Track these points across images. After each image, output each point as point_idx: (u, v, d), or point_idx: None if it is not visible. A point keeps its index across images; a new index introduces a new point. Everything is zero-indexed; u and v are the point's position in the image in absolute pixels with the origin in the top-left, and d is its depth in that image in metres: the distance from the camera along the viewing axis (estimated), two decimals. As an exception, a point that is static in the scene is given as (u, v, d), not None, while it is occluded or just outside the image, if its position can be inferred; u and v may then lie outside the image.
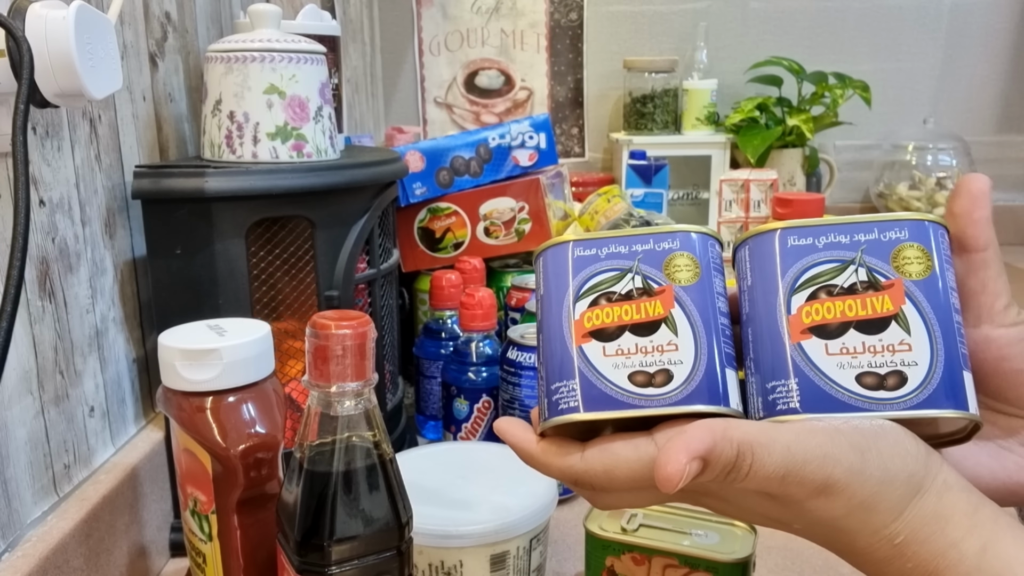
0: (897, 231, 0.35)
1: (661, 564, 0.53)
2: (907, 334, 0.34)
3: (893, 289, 0.34)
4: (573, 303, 0.37)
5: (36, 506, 0.50)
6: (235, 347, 0.46)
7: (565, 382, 0.36)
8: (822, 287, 0.35)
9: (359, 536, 0.41)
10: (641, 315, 0.36)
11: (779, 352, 0.35)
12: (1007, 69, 1.84)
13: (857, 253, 0.35)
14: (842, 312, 0.35)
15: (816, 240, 0.36)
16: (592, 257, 0.37)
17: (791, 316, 0.35)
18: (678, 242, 0.37)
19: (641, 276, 0.36)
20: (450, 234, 0.97)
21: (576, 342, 0.36)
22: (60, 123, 0.54)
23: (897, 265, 0.35)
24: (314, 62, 0.65)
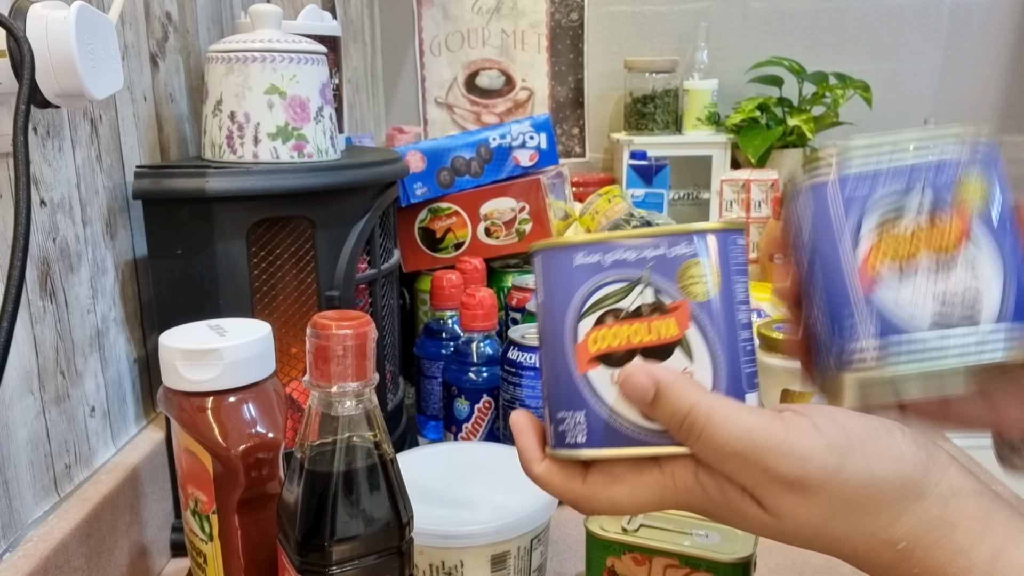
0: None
1: (662, 564, 0.53)
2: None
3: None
4: (576, 321, 0.33)
5: (37, 506, 0.50)
6: (236, 347, 0.46)
7: (571, 412, 0.33)
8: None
9: (360, 536, 0.41)
10: (652, 336, 0.32)
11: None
12: (1008, 69, 1.84)
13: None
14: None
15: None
16: (596, 266, 0.33)
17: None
18: (694, 247, 0.32)
19: (652, 289, 0.32)
20: (451, 234, 0.97)
21: (581, 368, 0.33)
22: (61, 123, 0.54)
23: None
24: (315, 62, 0.65)
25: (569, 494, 0.36)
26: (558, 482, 0.36)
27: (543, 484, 0.37)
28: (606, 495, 0.35)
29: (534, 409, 0.71)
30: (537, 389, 0.70)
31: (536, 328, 0.36)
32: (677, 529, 0.54)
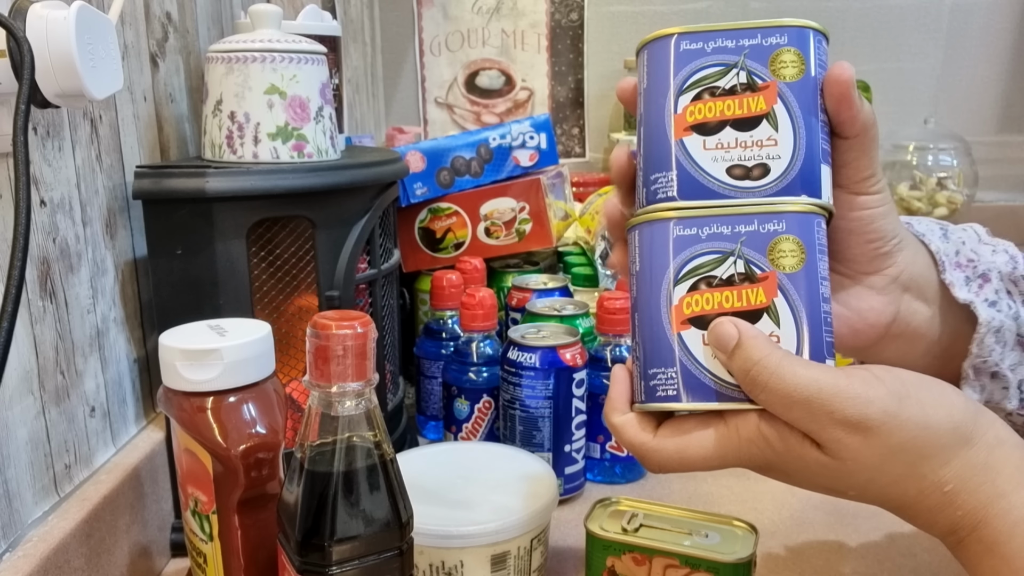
0: (777, 37, 0.37)
1: (662, 564, 0.53)
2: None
3: (768, 90, 0.37)
4: (672, 287, 0.36)
5: (37, 506, 0.50)
6: (236, 347, 0.46)
7: (663, 369, 0.36)
8: (706, 88, 0.37)
9: (360, 536, 0.41)
10: (743, 303, 0.36)
11: (660, 146, 0.37)
12: (1008, 69, 1.84)
13: (740, 57, 0.37)
14: (720, 112, 0.37)
15: (705, 45, 0.37)
16: (693, 238, 0.36)
17: (676, 115, 0.37)
18: (784, 224, 0.36)
19: (744, 261, 0.36)
20: (451, 234, 0.97)
21: (675, 329, 0.36)
22: (61, 123, 0.54)
23: (774, 70, 0.37)
24: (315, 62, 0.65)
25: (640, 446, 0.39)
26: (631, 432, 0.39)
27: (618, 432, 0.40)
28: (674, 447, 0.38)
29: (533, 409, 0.71)
30: (537, 389, 0.70)
31: (629, 296, 0.39)
32: (677, 529, 0.54)
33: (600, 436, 0.75)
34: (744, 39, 0.37)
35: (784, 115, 0.36)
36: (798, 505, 0.70)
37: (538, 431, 0.71)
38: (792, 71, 0.36)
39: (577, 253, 1.11)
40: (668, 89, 0.37)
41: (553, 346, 0.70)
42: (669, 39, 0.38)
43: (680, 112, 0.37)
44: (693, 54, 0.37)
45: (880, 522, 0.67)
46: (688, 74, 0.37)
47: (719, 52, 0.37)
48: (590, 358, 0.74)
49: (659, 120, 0.37)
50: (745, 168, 0.36)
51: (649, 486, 0.76)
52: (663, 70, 0.38)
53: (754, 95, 0.37)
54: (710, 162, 0.36)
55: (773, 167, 0.36)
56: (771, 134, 0.36)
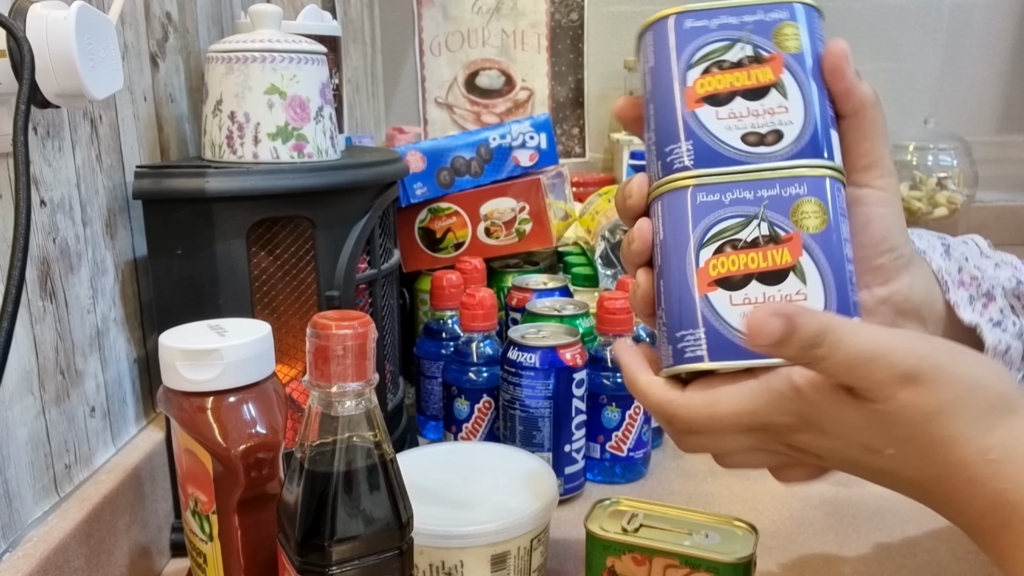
0: (778, 12, 0.38)
1: (662, 564, 0.53)
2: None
3: (774, 62, 0.38)
4: (698, 250, 0.37)
5: (37, 506, 0.50)
6: (236, 347, 0.46)
7: (691, 330, 0.37)
8: (714, 63, 0.38)
9: (360, 536, 0.41)
10: (768, 263, 0.36)
11: (673, 119, 0.38)
12: (1008, 69, 1.84)
13: (744, 32, 0.38)
14: (730, 84, 0.38)
15: (709, 22, 0.39)
16: (716, 203, 0.37)
17: (687, 88, 0.38)
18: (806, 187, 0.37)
19: (767, 223, 0.36)
20: (451, 234, 0.97)
21: (701, 291, 0.36)
22: (61, 123, 0.54)
23: (778, 42, 0.38)
24: (315, 62, 0.65)
25: (669, 404, 0.38)
26: (659, 392, 0.38)
27: (645, 394, 0.39)
28: (703, 402, 0.37)
29: (533, 409, 0.71)
30: (537, 389, 0.70)
31: (653, 267, 0.39)
32: (677, 529, 0.54)
33: (600, 436, 0.75)
34: (746, 15, 0.38)
35: (792, 83, 0.37)
36: (798, 505, 0.70)
37: (538, 431, 0.71)
38: (794, 43, 0.38)
39: (577, 253, 1.11)
40: (675, 65, 0.38)
41: (553, 346, 0.70)
42: (672, 17, 0.39)
43: (690, 85, 0.38)
44: (697, 31, 0.38)
45: (880, 522, 0.67)
46: (695, 50, 0.38)
47: (723, 28, 0.38)
48: (590, 358, 0.74)
49: (669, 94, 0.38)
50: (759, 135, 0.37)
51: (649, 486, 0.76)
52: (669, 47, 0.39)
53: (761, 66, 0.38)
54: (724, 131, 0.37)
55: (787, 132, 0.37)
56: (781, 102, 0.37)
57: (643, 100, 0.40)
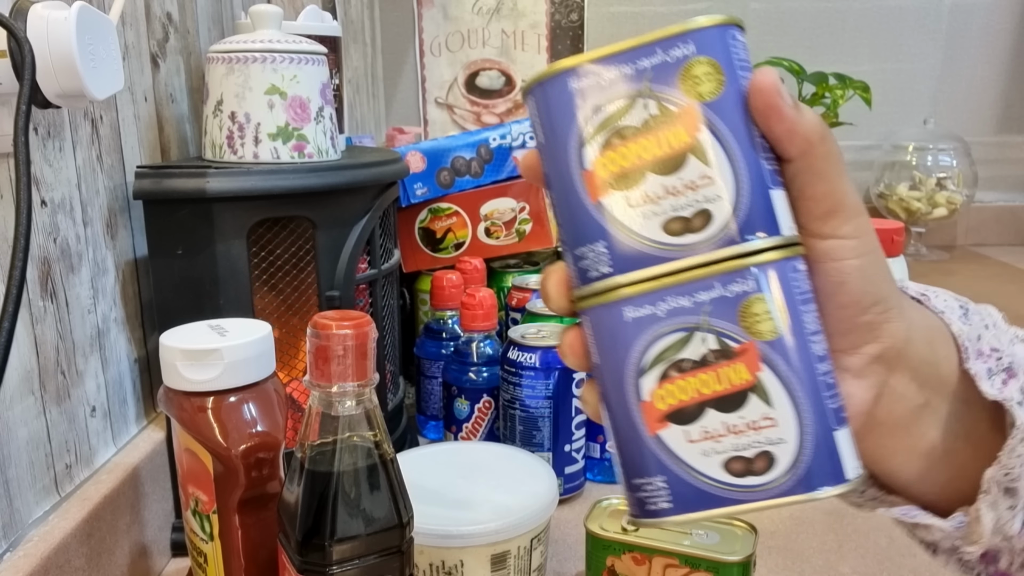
0: (682, 47, 0.29)
1: (662, 564, 0.53)
2: (706, 165, 0.29)
3: (686, 117, 0.29)
4: (637, 379, 0.30)
5: (38, 506, 0.50)
6: (236, 347, 0.46)
7: (648, 478, 0.31)
8: (614, 132, 0.30)
9: (360, 536, 0.41)
10: (723, 386, 0.29)
11: (578, 213, 0.31)
12: (1007, 69, 1.84)
13: (644, 84, 0.30)
14: (638, 157, 0.30)
15: (600, 77, 0.30)
16: (651, 318, 0.30)
17: (586, 172, 0.30)
18: (754, 282, 0.29)
19: (714, 335, 0.30)
20: (451, 234, 0.97)
21: (651, 429, 0.31)
22: (62, 124, 0.54)
23: (687, 89, 0.30)
24: (315, 63, 0.65)
25: None
26: None
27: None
28: None
29: (532, 409, 0.71)
30: (537, 388, 0.70)
31: (596, 385, 0.33)
32: (677, 529, 0.54)
33: (600, 436, 0.75)
34: (643, 59, 0.30)
35: (712, 142, 0.29)
36: (798, 505, 0.70)
37: (538, 431, 0.71)
38: (709, 86, 0.30)
39: (577, 253, 1.11)
40: (569, 141, 0.31)
41: (553, 346, 0.70)
42: (559, 78, 0.31)
43: (592, 168, 0.30)
44: (589, 91, 0.30)
45: (880, 522, 0.67)
46: (587, 118, 0.30)
47: (619, 82, 0.30)
48: (590, 358, 0.74)
49: (568, 182, 0.31)
50: (684, 220, 0.30)
51: (649, 486, 0.76)
52: (558, 118, 0.31)
53: (672, 127, 0.29)
54: (641, 221, 0.30)
55: (715, 211, 0.29)
56: (703, 171, 0.29)
57: (543, 175, 0.33)
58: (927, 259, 1.70)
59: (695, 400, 0.30)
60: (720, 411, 0.30)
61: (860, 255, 0.32)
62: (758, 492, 0.29)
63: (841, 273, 0.31)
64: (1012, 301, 1.37)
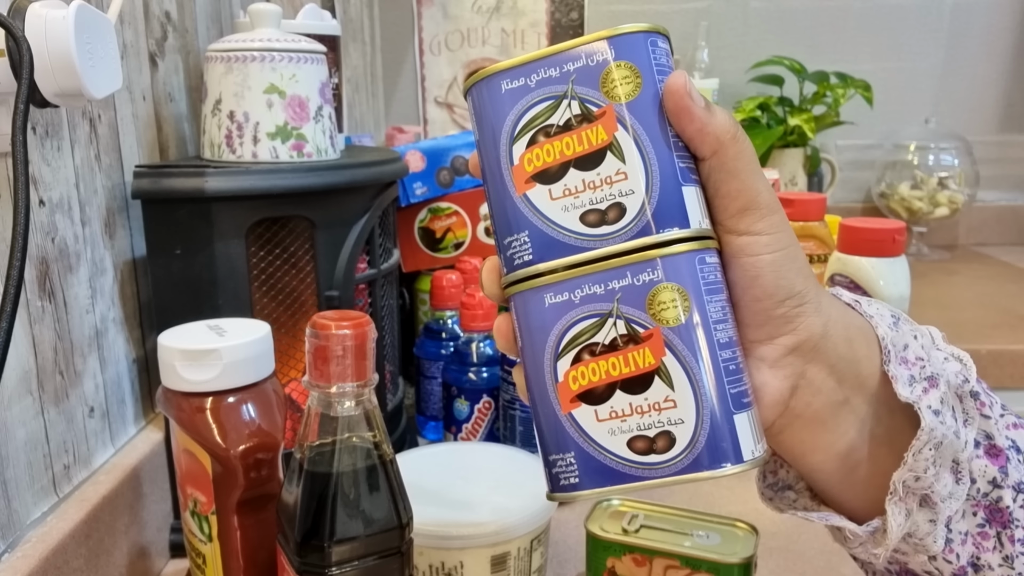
0: (603, 52, 0.32)
1: (662, 565, 0.52)
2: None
3: (605, 117, 0.32)
4: (554, 361, 0.32)
5: (36, 507, 0.50)
6: (235, 347, 0.46)
7: (561, 454, 0.33)
8: (540, 129, 0.32)
9: (359, 537, 0.41)
10: (631, 368, 0.32)
11: (504, 205, 0.33)
12: (1009, 68, 1.84)
13: (568, 85, 0.32)
14: (560, 153, 0.32)
15: (528, 80, 0.33)
16: (566, 303, 0.32)
17: (515, 167, 0.33)
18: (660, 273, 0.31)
19: (624, 320, 0.32)
20: (451, 234, 0.97)
21: (564, 408, 0.33)
22: (60, 123, 0.53)
23: (607, 91, 0.32)
24: (314, 62, 0.65)
25: None
26: None
27: None
28: None
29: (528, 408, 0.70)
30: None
31: (522, 370, 0.35)
32: (677, 530, 0.54)
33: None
34: (568, 63, 0.32)
35: (628, 141, 0.32)
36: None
37: (538, 431, 0.71)
38: (627, 88, 0.32)
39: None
40: (499, 139, 0.33)
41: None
42: (488, 80, 0.33)
43: (518, 163, 0.33)
44: (517, 92, 0.32)
45: (881, 522, 0.67)
46: (517, 116, 0.33)
47: (545, 84, 0.32)
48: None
49: (498, 176, 0.33)
50: (599, 212, 0.32)
51: (649, 486, 0.76)
52: (490, 117, 0.33)
53: (591, 126, 0.32)
54: (560, 213, 0.32)
55: (628, 204, 0.31)
56: (619, 167, 0.31)
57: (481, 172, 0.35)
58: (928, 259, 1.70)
59: (604, 382, 0.32)
60: (627, 392, 0.32)
61: (774, 251, 0.33)
62: (658, 469, 0.31)
63: (755, 267, 0.33)
64: (1013, 301, 1.36)
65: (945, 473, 0.35)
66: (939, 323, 0.40)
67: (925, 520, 0.35)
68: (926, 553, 0.36)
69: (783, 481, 0.39)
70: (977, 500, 0.36)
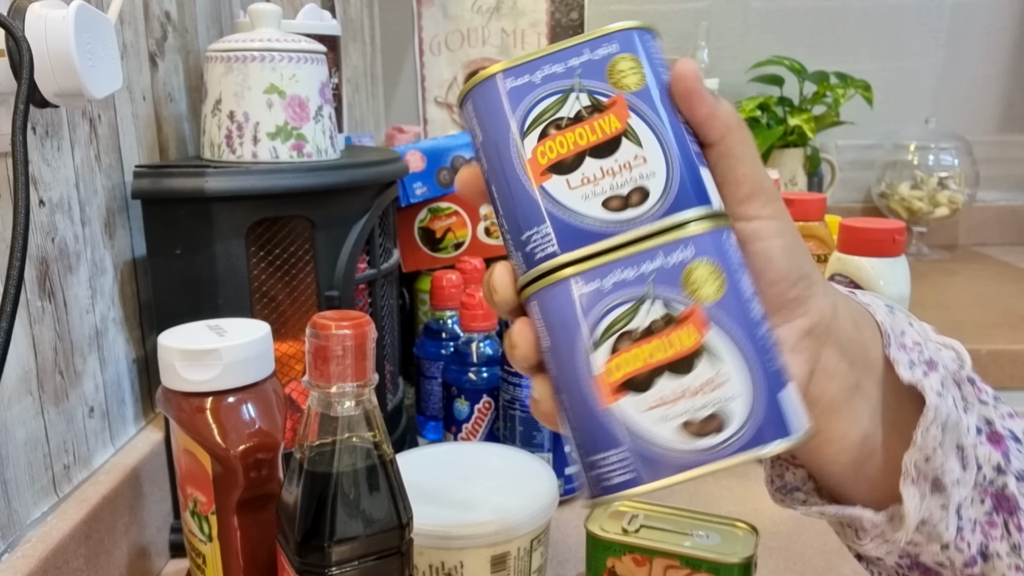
0: (607, 46, 0.33)
1: (662, 565, 0.52)
2: (639, 146, 0.32)
3: (616, 106, 0.32)
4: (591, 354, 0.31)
5: (36, 507, 0.50)
6: (235, 347, 0.46)
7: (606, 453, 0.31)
8: (550, 123, 0.33)
9: (359, 537, 0.41)
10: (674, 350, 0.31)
11: (522, 199, 0.33)
12: (1009, 68, 1.84)
13: (575, 79, 0.33)
14: (574, 143, 0.32)
15: (532, 77, 0.33)
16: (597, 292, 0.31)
17: (529, 160, 0.33)
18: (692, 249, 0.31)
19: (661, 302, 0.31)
20: (451, 234, 0.97)
21: (605, 401, 0.31)
22: (60, 123, 0.53)
23: (615, 81, 0.33)
24: (314, 62, 0.65)
25: None
26: None
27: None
28: None
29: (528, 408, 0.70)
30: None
31: (548, 373, 0.33)
32: (677, 530, 0.54)
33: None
34: (572, 59, 0.33)
35: (642, 127, 0.32)
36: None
37: (538, 431, 0.71)
38: (635, 78, 0.33)
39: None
40: (509, 135, 0.33)
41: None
42: (492, 80, 0.33)
43: (531, 156, 0.33)
44: (523, 89, 0.33)
45: (881, 522, 0.67)
46: (525, 112, 0.33)
47: (550, 80, 0.33)
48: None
49: (511, 172, 0.33)
50: (621, 197, 0.32)
51: (649, 486, 0.76)
52: (497, 115, 0.33)
53: (603, 115, 0.32)
54: (581, 201, 0.32)
55: (651, 186, 0.32)
56: (636, 151, 0.32)
57: (483, 178, 0.35)
58: (928, 259, 1.70)
59: (647, 367, 0.31)
60: (672, 376, 0.31)
61: (783, 234, 0.34)
62: (714, 452, 0.30)
63: (768, 251, 0.33)
64: (1013, 301, 1.36)
65: (952, 457, 0.35)
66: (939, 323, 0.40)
67: (937, 506, 0.35)
68: (939, 541, 0.36)
69: (790, 484, 0.40)
70: (984, 487, 0.37)
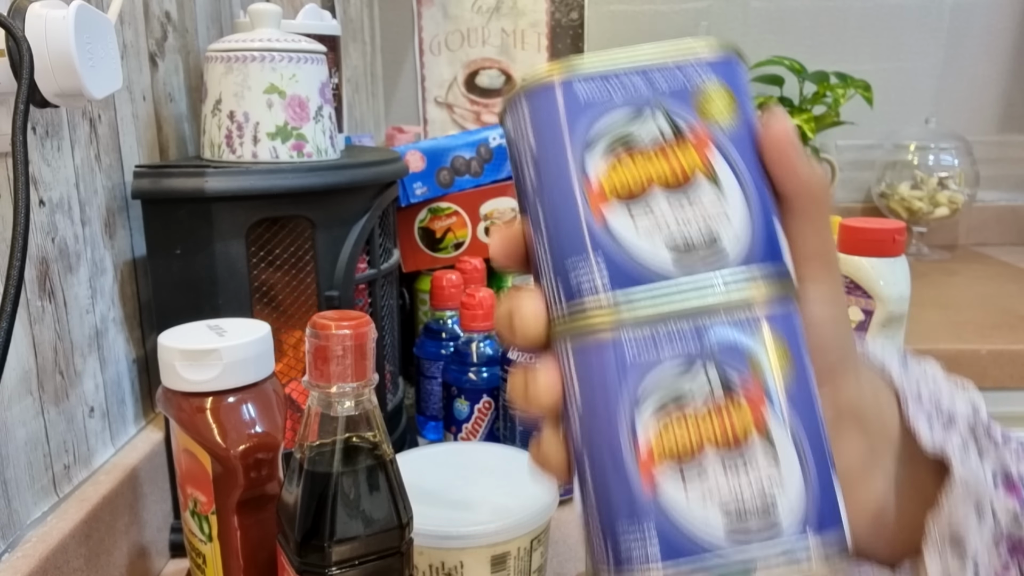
0: (700, 70, 0.29)
1: (662, 565, 0.52)
2: (717, 187, 0.28)
3: (699, 139, 0.28)
4: (635, 423, 0.28)
5: (36, 506, 0.50)
6: (235, 347, 0.46)
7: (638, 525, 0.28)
8: (620, 143, 0.29)
9: (359, 537, 0.41)
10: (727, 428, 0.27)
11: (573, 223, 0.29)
12: (1009, 68, 1.84)
13: (656, 98, 0.29)
14: (645, 172, 0.28)
15: (607, 85, 0.29)
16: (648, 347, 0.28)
17: (588, 180, 0.29)
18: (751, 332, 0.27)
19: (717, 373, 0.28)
20: (451, 234, 0.97)
21: (647, 479, 0.28)
22: (60, 123, 0.53)
23: (702, 112, 0.29)
24: (314, 62, 0.65)
25: None
26: None
27: None
28: None
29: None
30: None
31: (569, 431, 0.30)
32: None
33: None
34: (658, 74, 0.29)
35: (724, 168, 0.28)
36: None
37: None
38: (725, 112, 0.29)
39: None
40: (567, 149, 0.29)
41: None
42: (556, 84, 0.29)
43: (592, 177, 0.28)
44: (593, 100, 0.29)
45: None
46: (590, 125, 0.28)
47: (629, 93, 0.29)
48: (590, 358, 0.73)
49: (565, 190, 0.29)
50: (688, 240, 0.28)
51: (649, 486, 0.76)
52: (556, 125, 0.29)
53: (682, 146, 0.28)
54: (643, 237, 0.28)
55: (723, 234, 0.28)
56: (715, 193, 0.28)
57: (522, 192, 0.30)
58: (928, 259, 1.70)
59: (696, 448, 0.27)
60: (721, 455, 0.27)
61: (836, 303, 0.31)
62: (754, 541, 0.27)
63: (819, 318, 0.31)
64: (1013, 301, 1.36)
65: (971, 513, 0.34)
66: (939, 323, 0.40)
67: (957, 563, 0.34)
68: None
69: None
70: (999, 536, 0.36)
